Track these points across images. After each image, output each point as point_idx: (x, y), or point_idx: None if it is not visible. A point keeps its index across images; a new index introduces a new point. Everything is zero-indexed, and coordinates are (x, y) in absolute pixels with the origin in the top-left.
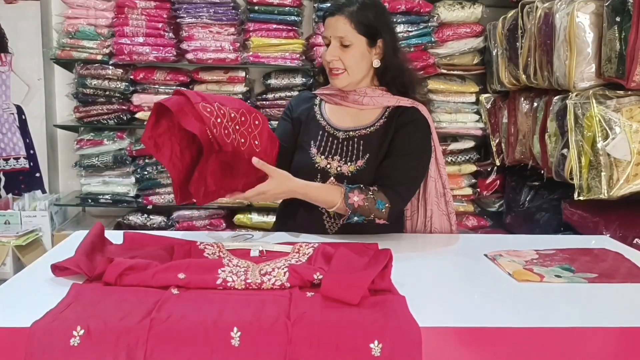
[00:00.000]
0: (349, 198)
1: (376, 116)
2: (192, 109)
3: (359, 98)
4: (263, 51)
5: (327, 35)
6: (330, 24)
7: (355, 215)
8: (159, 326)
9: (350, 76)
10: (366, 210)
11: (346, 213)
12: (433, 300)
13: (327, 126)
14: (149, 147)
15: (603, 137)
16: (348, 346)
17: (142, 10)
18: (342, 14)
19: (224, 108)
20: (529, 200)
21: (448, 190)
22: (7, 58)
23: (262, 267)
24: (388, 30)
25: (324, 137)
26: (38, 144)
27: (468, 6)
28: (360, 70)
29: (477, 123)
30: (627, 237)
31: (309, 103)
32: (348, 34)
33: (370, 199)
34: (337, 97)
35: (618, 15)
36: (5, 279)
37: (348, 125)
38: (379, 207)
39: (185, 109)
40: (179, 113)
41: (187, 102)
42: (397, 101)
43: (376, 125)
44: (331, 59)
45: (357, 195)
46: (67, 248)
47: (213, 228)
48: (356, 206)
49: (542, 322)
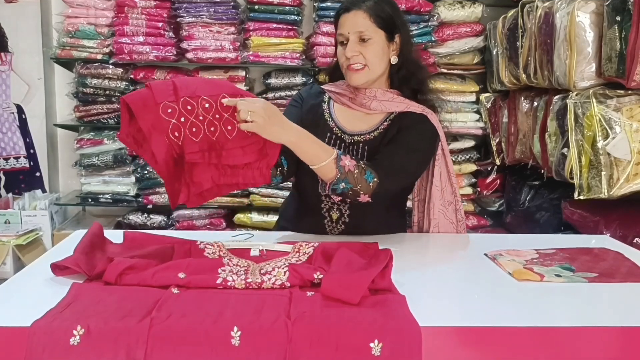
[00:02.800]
0: (341, 160)
1: (381, 118)
2: (155, 108)
3: (367, 102)
4: (263, 50)
5: (344, 32)
6: (347, 20)
7: (342, 182)
8: (159, 325)
9: (371, 72)
10: (355, 178)
11: (334, 176)
12: (433, 299)
13: (335, 128)
14: (129, 144)
15: (603, 136)
16: (348, 345)
17: (142, 10)
18: (359, 9)
19: (194, 100)
20: (529, 199)
21: (458, 199)
22: (7, 57)
23: (262, 266)
24: (404, 25)
25: (332, 140)
26: (38, 143)
27: (468, 5)
28: (380, 66)
29: (478, 122)
30: (627, 237)
31: (318, 99)
32: (368, 28)
33: (361, 168)
34: (346, 97)
35: (618, 15)
36: (5, 278)
37: (354, 129)
38: (368, 178)
39: (148, 107)
40: (139, 112)
41: (151, 99)
42: (406, 107)
43: (380, 128)
44: (352, 54)
45: (349, 160)
46: (67, 247)
47: (213, 227)
48: (346, 170)
49: (542, 321)
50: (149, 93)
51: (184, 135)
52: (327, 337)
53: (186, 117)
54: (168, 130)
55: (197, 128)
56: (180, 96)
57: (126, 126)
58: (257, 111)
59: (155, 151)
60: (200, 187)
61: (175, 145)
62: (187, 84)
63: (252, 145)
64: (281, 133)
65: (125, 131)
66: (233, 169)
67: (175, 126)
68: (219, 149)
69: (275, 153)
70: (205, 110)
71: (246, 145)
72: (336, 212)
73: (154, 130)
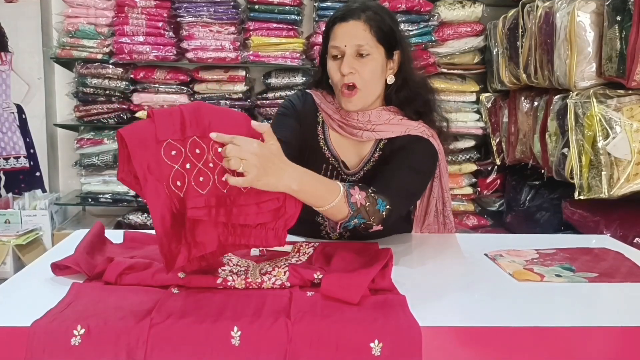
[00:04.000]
0: (351, 196)
1: (371, 147)
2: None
3: (357, 132)
4: (263, 50)
5: (339, 44)
6: (344, 31)
7: (355, 218)
8: (159, 325)
9: (365, 96)
10: (367, 211)
11: (345, 215)
12: (433, 299)
13: (331, 158)
14: (129, 184)
15: (603, 136)
16: (348, 345)
17: (142, 9)
18: (358, 19)
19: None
20: (529, 199)
21: (448, 207)
22: (7, 57)
23: (262, 266)
24: (403, 39)
25: (327, 172)
26: (38, 143)
27: (468, 5)
28: (376, 87)
29: (478, 122)
30: (628, 237)
31: (312, 116)
32: (368, 42)
33: (372, 198)
34: (336, 123)
35: (618, 15)
36: (5, 278)
37: (349, 161)
38: (380, 208)
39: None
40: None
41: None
42: (405, 129)
43: (372, 160)
44: (348, 71)
45: (358, 192)
46: (67, 247)
47: None
48: (358, 205)
49: (542, 321)
50: (151, 126)
51: (188, 185)
52: (327, 337)
53: (193, 163)
54: (169, 177)
55: (205, 177)
56: (188, 135)
57: (125, 163)
58: (250, 160)
59: (150, 203)
60: (203, 249)
61: (176, 197)
62: (199, 118)
63: (270, 202)
64: (278, 184)
65: (124, 169)
66: (243, 228)
67: (178, 173)
68: (230, 204)
69: (295, 213)
70: (218, 155)
71: (263, 202)
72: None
73: (150, 175)
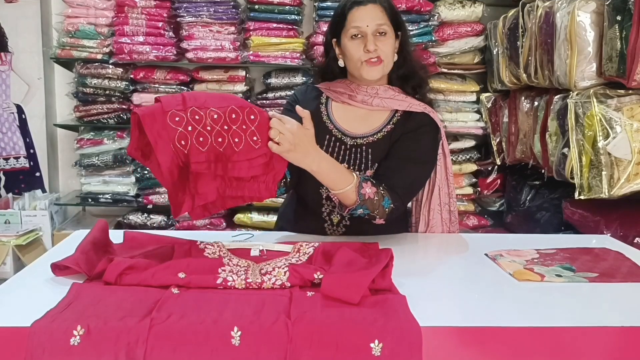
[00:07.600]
0: (362, 188)
1: (384, 120)
2: (162, 117)
3: (368, 99)
4: (263, 50)
5: (360, 25)
6: (364, 12)
7: (361, 207)
8: (159, 325)
9: (385, 68)
10: (374, 204)
11: (353, 202)
12: (434, 299)
13: (334, 130)
14: (136, 157)
15: (604, 136)
16: (348, 345)
17: (142, 9)
18: (375, 2)
19: (202, 111)
20: (529, 199)
21: (453, 200)
22: (7, 57)
23: (262, 266)
24: (404, 23)
25: (331, 143)
26: (38, 143)
27: (469, 5)
28: (392, 62)
29: (478, 122)
30: (628, 236)
31: (315, 102)
32: (385, 21)
33: (380, 195)
34: (345, 95)
35: (619, 14)
36: (5, 278)
37: (356, 130)
38: (385, 205)
39: (156, 116)
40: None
41: (159, 109)
42: (408, 105)
43: (384, 130)
44: (375, 47)
45: (369, 187)
46: (67, 247)
47: (213, 227)
48: (366, 197)
49: (542, 321)
50: (158, 105)
51: (191, 144)
52: (328, 337)
53: (193, 126)
54: (174, 138)
55: (204, 138)
56: (188, 106)
57: (135, 141)
58: (286, 135)
59: (160, 159)
60: (205, 198)
61: (181, 154)
62: (196, 96)
63: (259, 159)
64: (301, 160)
65: (134, 145)
66: (239, 181)
67: (182, 134)
68: (226, 160)
69: (282, 168)
70: (214, 120)
71: (253, 158)
72: (337, 216)
73: (159, 138)
